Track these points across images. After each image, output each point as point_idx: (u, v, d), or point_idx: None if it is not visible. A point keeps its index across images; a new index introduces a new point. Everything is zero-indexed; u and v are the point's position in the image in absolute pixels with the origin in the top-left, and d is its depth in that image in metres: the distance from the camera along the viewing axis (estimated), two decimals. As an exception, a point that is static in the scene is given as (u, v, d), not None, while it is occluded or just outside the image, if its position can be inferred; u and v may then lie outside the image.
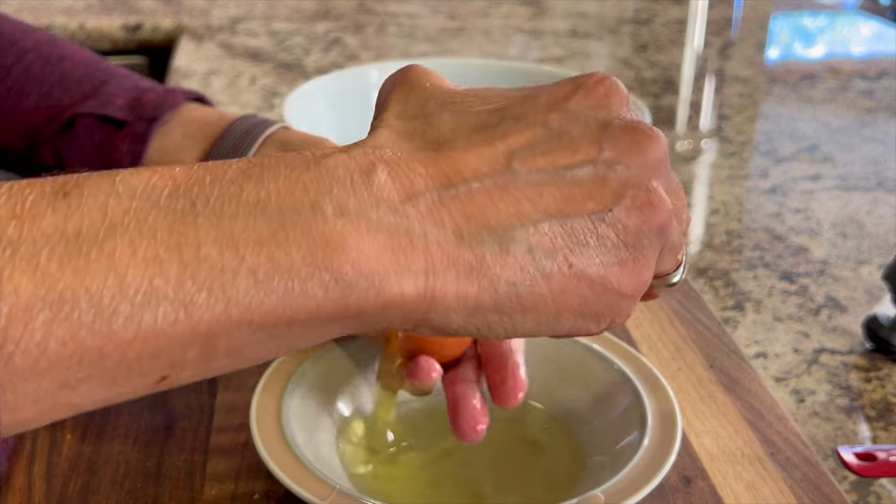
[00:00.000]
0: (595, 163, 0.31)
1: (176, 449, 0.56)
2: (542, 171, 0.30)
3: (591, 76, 0.33)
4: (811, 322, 0.77)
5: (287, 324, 0.27)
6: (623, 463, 0.49)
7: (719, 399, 0.61)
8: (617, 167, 0.31)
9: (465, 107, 0.31)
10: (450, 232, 0.28)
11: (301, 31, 1.60)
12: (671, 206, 0.32)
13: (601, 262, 0.30)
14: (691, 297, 0.73)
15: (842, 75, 1.48)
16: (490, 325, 0.30)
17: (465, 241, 0.28)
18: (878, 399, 0.67)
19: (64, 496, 0.52)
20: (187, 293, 0.25)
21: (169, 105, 0.58)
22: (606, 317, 0.31)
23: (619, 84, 0.32)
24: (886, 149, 1.16)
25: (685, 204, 0.34)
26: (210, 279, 0.26)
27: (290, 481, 0.46)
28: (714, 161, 1.13)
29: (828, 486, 0.54)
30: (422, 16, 1.74)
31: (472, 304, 0.29)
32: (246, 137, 0.56)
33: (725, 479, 0.54)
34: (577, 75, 0.33)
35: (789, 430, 0.58)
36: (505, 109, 0.31)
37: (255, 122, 0.57)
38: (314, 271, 0.27)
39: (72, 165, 0.59)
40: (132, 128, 0.57)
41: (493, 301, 0.29)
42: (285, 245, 0.27)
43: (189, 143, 0.57)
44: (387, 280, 0.28)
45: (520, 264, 0.29)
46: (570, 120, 0.31)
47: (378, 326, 0.29)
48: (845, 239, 0.91)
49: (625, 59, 1.53)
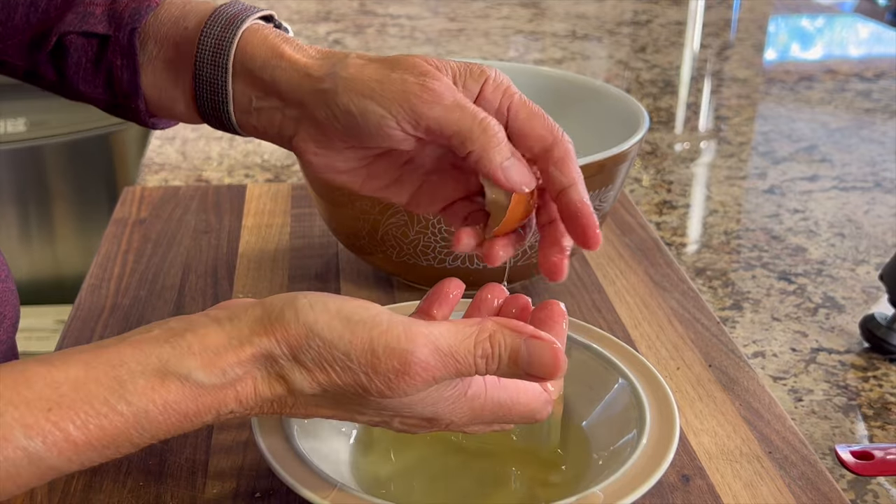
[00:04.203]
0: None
1: (178, 447, 0.56)
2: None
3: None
4: (809, 322, 0.77)
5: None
6: (622, 461, 0.49)
7: (718, 398, 0.61)
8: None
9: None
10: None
11: (302, 33, 1.60)
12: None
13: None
14: (690, 296, 0.74)
15: (839, 76, 1.49)
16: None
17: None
18: (876, 398, 0.67)
19: (66, 494, 0.53)
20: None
21: (144, 9, 0.56)
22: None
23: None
24: (884, 149, 1.16)
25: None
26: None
27: (291, 479, 0.46)
28: (712, 162, 1.14)
29: (825, 484, 0.54)
30: (422, 17, 1.74)
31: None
32: (218, 54, 0.53)
33: (724, 478, 0.54)
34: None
35: (787, 428, 0.58)
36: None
37: (222, 32, 0.54)
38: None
39: (76, 82, 0.58)
40: (117, 41, 0.56)
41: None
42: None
43: (172, 66, 0.55)
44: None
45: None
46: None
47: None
48: (843, 239, 0.92)
49: (623, 61, 1.53)
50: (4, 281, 0.57)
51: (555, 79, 0.82)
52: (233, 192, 0.91)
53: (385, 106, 0.47)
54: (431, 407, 0.43)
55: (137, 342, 0.40)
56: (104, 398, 0.38)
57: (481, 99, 0.48)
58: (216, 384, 0.40)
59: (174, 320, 0.42)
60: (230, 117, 0.54)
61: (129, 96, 0.57)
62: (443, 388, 0.42)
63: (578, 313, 0.71)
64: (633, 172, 1.08)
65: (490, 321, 0.43)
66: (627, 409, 0.53)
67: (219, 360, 0.40)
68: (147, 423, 0.39)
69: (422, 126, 0.47)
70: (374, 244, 0.69)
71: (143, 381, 0.39)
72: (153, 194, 0.90)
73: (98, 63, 0.57)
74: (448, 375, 0.41)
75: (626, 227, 0.85)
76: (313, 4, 1.79)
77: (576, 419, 0.56)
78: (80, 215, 1.83)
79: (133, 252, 0.79)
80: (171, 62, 0.55)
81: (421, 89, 0.46)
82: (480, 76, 0.48)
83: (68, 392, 0.38)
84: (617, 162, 0.66)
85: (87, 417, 0.38)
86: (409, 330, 0.41)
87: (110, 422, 0.38)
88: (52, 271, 1.83)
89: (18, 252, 1.80)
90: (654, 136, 1.20)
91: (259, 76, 0.52)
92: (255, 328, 0.41)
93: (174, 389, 0.39)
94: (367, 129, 0.48)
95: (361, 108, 0.47)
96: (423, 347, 0.40)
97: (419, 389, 0.41)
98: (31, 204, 1.80)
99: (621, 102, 0.75)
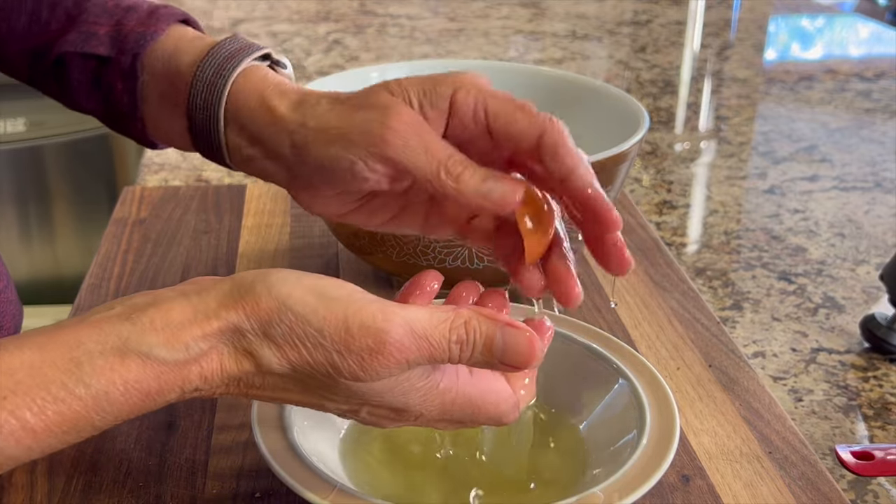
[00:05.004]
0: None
1: (178, 447, 0.56)
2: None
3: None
4: (809, 322, 0.77)
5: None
6: (622, 461, 0.49)
7: (718, 398, 0.61)
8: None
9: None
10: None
11: (302, 33, 1.60)
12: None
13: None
14: (690, 296, 0.74)
15: (839, 76, 1.49)
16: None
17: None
18: (876, 398, 0.67)
19: (66, 494, 0.53)
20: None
21: (150, 35, 0.55)
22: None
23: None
24: (884, 149, 1.16)
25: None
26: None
27: (291, 480, 0.46)
28: (712, 162, 1.14)
29: (825, 484, 0.54)
30: (422, 17, 1.74)
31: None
32: (210, 104, 0.52)
33: (724, 478, 0.54)
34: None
35: (787, 428, 0.58)
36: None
37: (214, 78, 0.52)
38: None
39: (75, 97, 0.58)
40: (119, 64, 0.55)
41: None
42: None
43: (168, 102, 0.55)
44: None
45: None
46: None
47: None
48: (843, 239, 0.92)
49: (623, 61, 1.53)
50: (3, 291, 0.57)
51: (555, 79, 0.82)
52: (233, 192, 0.91)
53: (352, 151, 0.45)
54: (402, 397, 0.42)
55: (97, 321, 0.39)
56: (61, 382, 0.37)
57: (454, 111, 0.45)
58: (179, 360, 0.39)
59: (139, 296, 0.41)
60: (226, 160, 0.53)
61: (128, 118, 0.56)
62: (415, 378, 0.41)
63: (578, 313, 0.71)
64: (633, 172, 1.08)
65: (466, 308, 0.42)
66: (627, 410, 0.53)
67: (182, 334, 0.39)
68: (108, 405, 0.38)
69: (390, 165, 0.45)
70: (374, 244, 0.69)
71: (101, 361, 0.38)
72: (153, 194, 0.90)
73: (97, 83, 0.57)
74: (422, 359, 0.40)
75: (626, 228, 0.85)
76: (313, 4, 1.79)
77: (576, 419, 0.56)
78: (80, 215, 1.83)
79: (133, 252, 0.79)
80: (165, 97, 0.54)
81: (382, 130, 0.44)
82: (448, 87, 0.45)
83: (24, 378, 0.37)
84: (617, 162, 0.66)
85: (44, 404, 0.37)
86: (385, 310, 0.40)
87: (69, 407, 0.37)
88: (51, 271, 1.83)
89: (18, 252, 1.80)
90: (654, 136, 1.20)
91: (247, 127, 0.50)
92: (223, 301, 0.40)
93: (134, 368, 0.38)
94: (342, 175, 0.46)
95: (331, 155, 0.46)
96: (399, 328, 0.39)
97: (391, 372, 0.40)
98: (30, 204, 1.80)
99: (621, 102, 0.75)
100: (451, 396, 0.43)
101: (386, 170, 0.45)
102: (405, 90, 0.46)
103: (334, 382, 0.40)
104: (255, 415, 0.51)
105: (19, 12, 0.58)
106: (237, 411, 0.59)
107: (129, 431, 0.57)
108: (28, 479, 0.54)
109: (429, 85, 0.46)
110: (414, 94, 0.45)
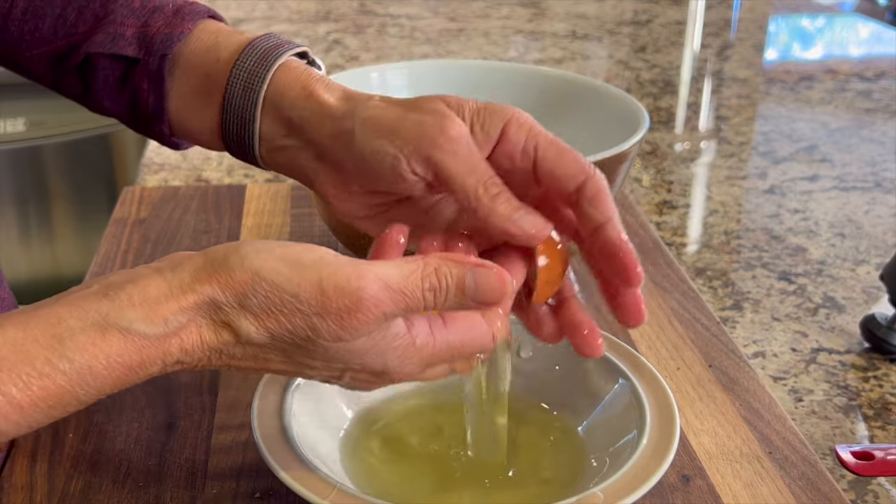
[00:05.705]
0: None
1: (177, 448, 0.56)
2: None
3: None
4: (809, 322, 0.77)
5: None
6: (622, 462, 0.49)
7: (718, 398, 0.61)
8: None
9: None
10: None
11: (302, 33, 1.60)
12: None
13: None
14: (690, 296, 0.73)
15: (840, 76, 1.49)
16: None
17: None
18: (876, 398, 0.67)
19: (66, 495, 0.53)
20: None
21: (177, 35, 0.56)
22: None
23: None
24: (884, 149, 1.16)
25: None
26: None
27: (291, 480, 0.46)
28: (712, 162, 1.14)
29: (826, 484, 0.54)
30: (422, 17, 1.74)
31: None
32: (250, 88, 0.53)
33: (724, 478, 0.54)
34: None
35: (787, 429, 0.58)
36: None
37: (256, 66, 0.53)
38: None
39: (100, 99, 0.58)
40: (146, 65, 0.56)
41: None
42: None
43: (201, 95, 0.55)
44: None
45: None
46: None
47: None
48: (843, 239, 0.92)
49: (624, 61, 1.53)
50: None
51: (555, 79, 0.82)
52: (232, 192, 0.91)
53: (398, 146, 0.47)
54: (380, 358, 0.42)
55: (75, 299, 0.40)
56: (45, 358, 0.38)
57: (504, 140, 0.47)
58: (159, 334, 0.40)
59: (115, 274, 0.42)
60: (255, 151, 0.54)
61: (153, 119, 0.57)
62: (390, 338, 0.42)
63: (578, 313, 0.71)
64: (633, 172, 1.08)
65: (433, 256, 0.43)
66: (627, 410, 0.53)
67: (160, 308, 0.40)
68: (91, 379, 0.39)
69: (431, 170, 0.46)
70: (374, 244, 0.69)
71: (83, 336, 0.39)
72: (153, 194, 0.90)
73: (124, 84, 0.57)
74: (398, 311, 0.41)
75: (626, 228, 0.85)
76: (313, 4, 1.79)
77: (576, 419, 0.56)
78: (80, 215, 1.83)
79: (133, 252, 0.79)
80: (199, 91, 0.55)
81: (438, 133, 0.46)
82: (503, 116, 0.47)
83: (8, 355, 0.38)
84: (617, 162, 0.66)
85: (28, 379, 0.38)
86: (358, 269, 0.41)
87: (53, 381, 0.38)
88: (51, 271, 1.83)
89: (18, 252, 1.80)
90: (654, 136, 1.20)
91: (287, 114, 0.52)
92: (197, 275, 0.40)
93: (116, 342, 0.39)
94: (381, 170, 0.47)
95: (376, 147, 0.47)
96: (373, 283, 0.40)
97: (370, 328, 0.41)
98: (30, 204, 1.80)
99: (621, 102, 0.75)
100: (429, 350, 0.44)
101: (426, 173, 0.47)
102: (461, 106, 0.47)
103: (314, 346, 0.41)
104: (254, 415, 0.51)
105: (46, 15, 0.58)
106: (237, 411, 0.59)
107: (129, 431, 0.57)
108: (28, 480, 0.54)
109: (483, 109, 0.47)
110: (468, 113, 0.47)
